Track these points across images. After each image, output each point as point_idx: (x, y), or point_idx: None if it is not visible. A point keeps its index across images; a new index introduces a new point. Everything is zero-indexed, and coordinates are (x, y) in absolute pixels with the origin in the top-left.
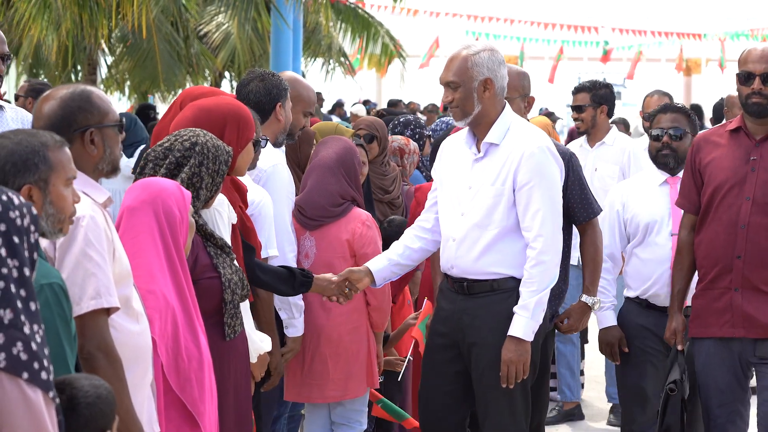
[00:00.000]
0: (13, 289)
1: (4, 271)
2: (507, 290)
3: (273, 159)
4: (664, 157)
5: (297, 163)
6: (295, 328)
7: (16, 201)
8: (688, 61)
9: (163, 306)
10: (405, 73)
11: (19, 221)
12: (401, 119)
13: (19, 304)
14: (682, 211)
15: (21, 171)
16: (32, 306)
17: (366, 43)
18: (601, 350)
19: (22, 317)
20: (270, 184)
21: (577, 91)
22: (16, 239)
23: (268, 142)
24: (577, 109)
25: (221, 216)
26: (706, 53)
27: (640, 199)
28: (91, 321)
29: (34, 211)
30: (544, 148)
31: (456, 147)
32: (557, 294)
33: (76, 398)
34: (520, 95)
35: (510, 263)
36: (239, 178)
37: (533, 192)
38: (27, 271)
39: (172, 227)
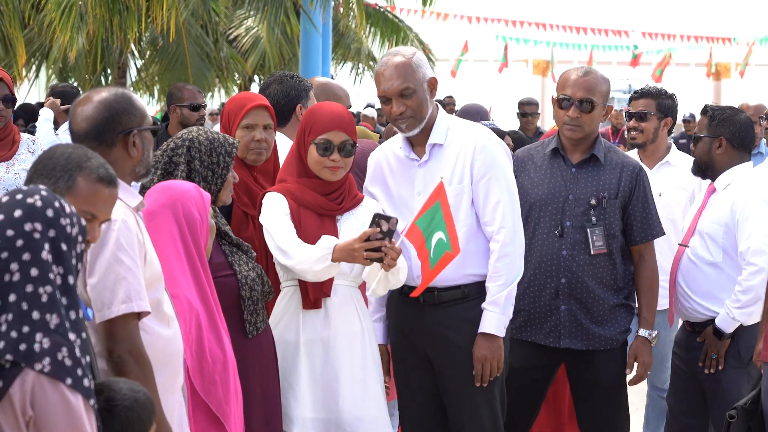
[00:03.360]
0: (57, 295)
1: (51, 276)
2: (477, 297)
3: None
4: None
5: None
6: None
7: (67, 209)
8: (717, 66)
9: (186, 310)
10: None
11: (69, 229)
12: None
13: (62, 312)
14: None
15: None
16: (73, 315)
17: (395, 47)
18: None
19: (67, 324)
20: None
21: (639, 95)
22: (64, 246)
23: (286, 138)
24: (639, 117)
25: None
26: (735, 58)
27: None
28: (121, 325)
29: (83, 221)
30: (494, 140)
31: (387, 157)
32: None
33: (113, 400)
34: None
35: (480, 262)
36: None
37: (491, 184)
38: (71, 280)
39: (193, 230)
